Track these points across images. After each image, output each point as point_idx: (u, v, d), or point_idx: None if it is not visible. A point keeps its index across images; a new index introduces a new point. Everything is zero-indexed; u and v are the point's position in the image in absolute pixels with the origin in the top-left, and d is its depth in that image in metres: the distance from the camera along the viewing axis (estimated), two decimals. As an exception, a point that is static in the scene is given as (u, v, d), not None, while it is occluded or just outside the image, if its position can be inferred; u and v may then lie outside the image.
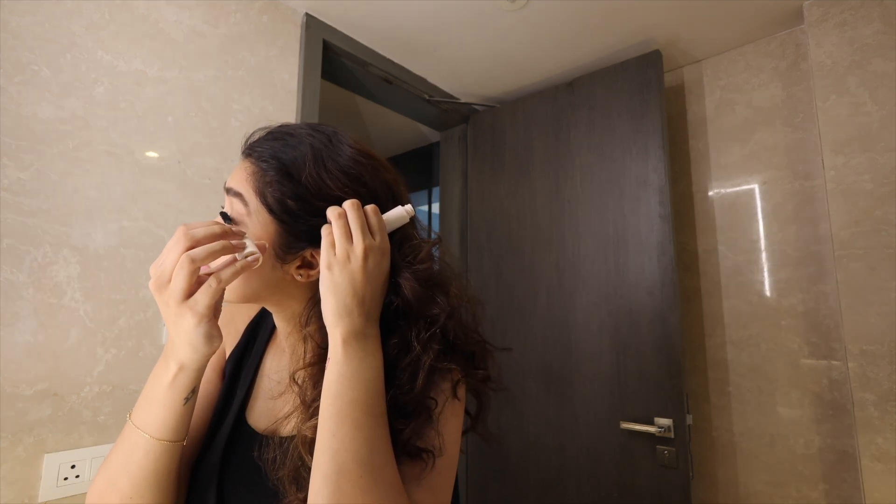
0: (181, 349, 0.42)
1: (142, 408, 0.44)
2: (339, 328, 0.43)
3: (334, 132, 0.50)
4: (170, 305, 0.41)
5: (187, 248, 0.40)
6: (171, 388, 0.43)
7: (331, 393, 0.42)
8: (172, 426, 0.44)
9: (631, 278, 1.45)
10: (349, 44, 1.50)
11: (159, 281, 0.41)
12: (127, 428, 0.45)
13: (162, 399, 0.43)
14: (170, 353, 0.43)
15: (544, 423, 1.57)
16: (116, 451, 0.45)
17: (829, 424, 1.31)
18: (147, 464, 0.44)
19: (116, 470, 0.44)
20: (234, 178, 0.49)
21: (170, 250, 0.41)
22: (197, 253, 0.40)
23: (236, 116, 1.22)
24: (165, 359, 0.44)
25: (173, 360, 0.43)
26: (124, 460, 0.44)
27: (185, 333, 0.41)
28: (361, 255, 0.44)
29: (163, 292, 0.41)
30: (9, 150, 0.88)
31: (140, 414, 0.44)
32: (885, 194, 1.17)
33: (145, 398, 0.44)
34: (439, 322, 0.47)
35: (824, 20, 1.29)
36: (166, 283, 0.40)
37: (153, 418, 0.44)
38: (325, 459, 0.39)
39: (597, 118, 1.59)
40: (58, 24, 0.96)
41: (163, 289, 0.41)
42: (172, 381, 0.43)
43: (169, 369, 0.43)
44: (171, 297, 0.40)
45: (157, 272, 0.41)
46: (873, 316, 1.15)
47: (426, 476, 0.44)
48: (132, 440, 0.44)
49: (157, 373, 0.44)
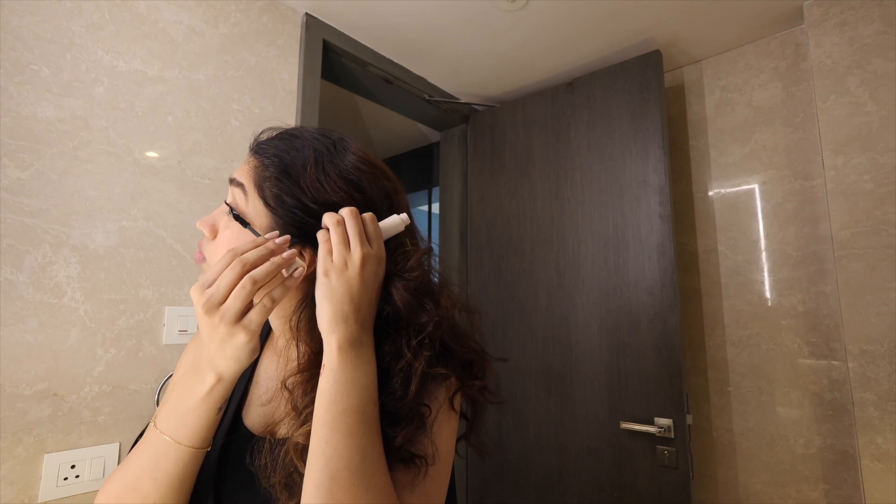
0: (223, 364, 0.42)
1: (171, 418, 0.45)
2: (334, 335, 0.43)
3: (340, 138, 0.51)
4: (220, 327, 0.41)
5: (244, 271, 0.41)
6: (206, 399, 0.43)
7: (325, 400, 0.42)
8: (204, 435, 0.45)
9: (631, 278, 1.45)
10: (349, 44, 1.50)
11: (210, 303, 0.41)
12: (152, 435, 0.45)
13: (196, 410, 0.44)
14: (206, 367, 0.43)
15: (544, 423, 1.57)
16: (139, 457, 0.45)
17: (829, 424, 1.31)
18: (176, 471, 0.44)
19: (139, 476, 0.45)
20: (238, 171, 0.51)
21: (224, 274, 0.41)
22: (258, 273, 0.41)
23: (236, 116, 1.22)
24: (199, 372, 0.44)
25: (211, 373, 0.43)
26: (150, 467, 0.44)
27: (234, 350, 0.42)
28: (359, 263, 0.45)
29: (213, 314, 0.41)
30: (9, 150, 0.88)
31: (169, 423, 0.45)
32: (885, 194, 1.17)
33: (175, 409, 0.45)
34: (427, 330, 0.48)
35: (824, 20, 1.29)
36: (217, 305, 0.41)
37: (185, 427, 0.44)
38: (319, 467, 0.39)
39: (597, 118, 1.59)
40: (58, 24, 0.96)
41: (213, 311, 0.41)
42: (209, 392, 0.43)
43: (205, 382, 0.43)
44: (225, 318, 0.41)
45: (208, 294, 0.41)
46: (873, 316, 1.15)
47: (419, 483, 0.44)
48: (160, 448, 0.44)
49: (188, 384, 0.44)
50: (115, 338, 0.98)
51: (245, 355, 0.42)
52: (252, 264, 0.42)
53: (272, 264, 0.42)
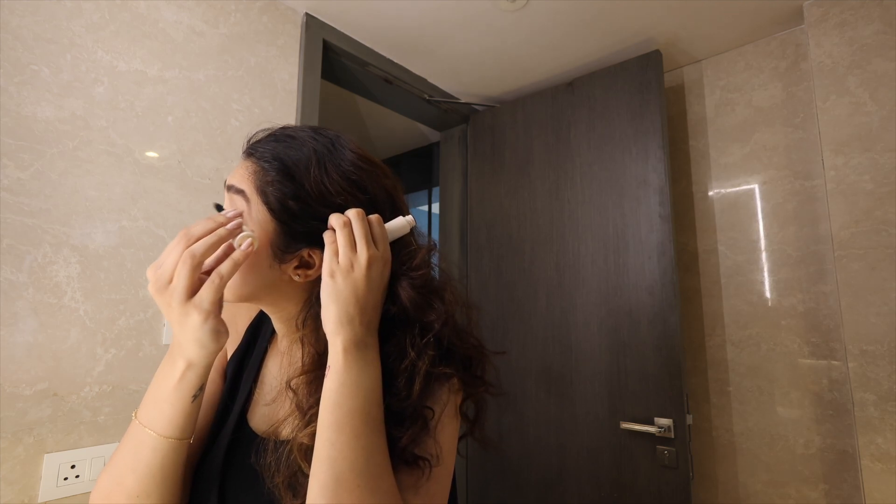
0: (188, 347, 0.42)
1: (148, 407, 0.45)
2: (340, 336, 0.43)
3: (336, 136, 0.51)
4: (173, 306, 0.40)
5: (187, 246, 0.41)
6: (178, 386, 0.43)
7: (330, 402, 0.42)
8: (180, 424, 0.44)
9: (631, 278, 1.45)
10: (349, 44, 1.50)
11: (159, 282, 0.40)
12: (133, 427, 0.45)
13: (169, 397, 0.43)
14: (176, 353, 0.43)
15: (544, 423, 1.57)
16: (122, 450, 0.45)
17: (829, 424, 1.31)
18: (154, 462, 0.44)
19: (123, 469, 0.44)
20: (235, 176, 0.49)
21: (170, 252, 0.41)
22: (196, 248, 0.41)
23: (236, 116, 1.22)
24: (172, 358, 0.44)
25: (181, 359, 0.43)
26: (131, 459, 0.44)
27: (192, 332, 0.41)
28: (365, 265, 0.44)
29: (164, 293, 0.40)
30: (9, 150, 0.88)
31: (147, 413, 0.44)
32: (885, 194, 1.17)
33: (152, 397, 0.45)
34: (435, 329, 0.47)
35: (824, 20, 1.29)
36: (166, 284, 0.40)
37: (161, 416, 0.44)
38: (324, 468, 0.39)
39: (597, 118, 1.59)
40: (58, 24, 0.96)
41: (163, 290, 0.40)
42: (180, 379, 0.43)
43: (176, 368, 0.43)
44: (174, 297, 0.40)
45: (156, 274, 0.41)
46: (873, 316, 1.15)
47: (423, 484, 0.44)
48: (139, 438, 0.44)
49: (163, 372, 0.44)
50: (115, 338, 0.98)
51: (207, 337, 0.41)
52: (196, 238, 0.41)
53: (215, 236, 0.41)
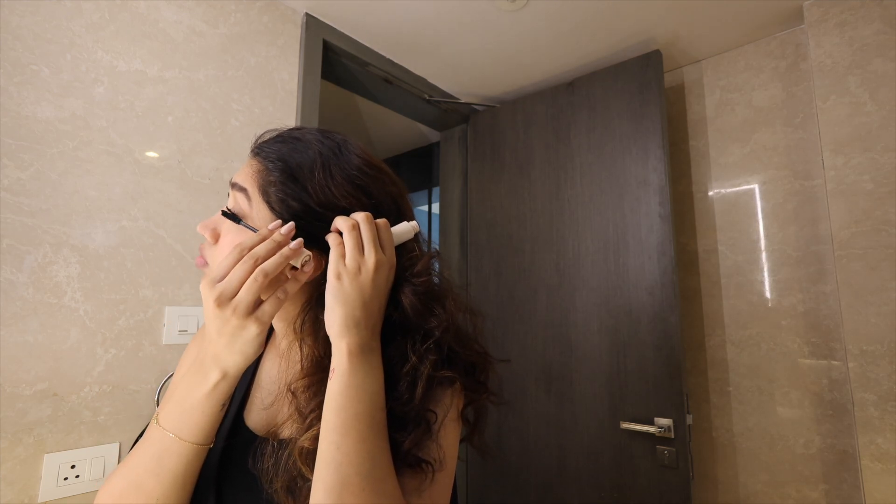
0: (228, 358, 0.43)
1: (174, 414, 0.45)
2: (345, 339, 0.43)
3: (344, 140, 0.51)
4: (231, 320, 0.42)
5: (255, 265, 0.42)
6: (210, 395, 0.44)
7: (335, 405, 0.42)
8: (208, 431, 0.45)
9: (631, 278, 1.45)
10: (349, 44, 1.50)
11: (223, 296, 0.41)
12: (155, 432, 0.45)
13: (200, 406, 0.44)
14: (210, 363, 0.44)
15: (544, 424, 1.57)
16: (142, 454, 0.45)
17: (829, 424, 1.31)
18: (180, 467, 0.44)
19: (143, 474, 0.45)
20: (240, 175, 0.50)
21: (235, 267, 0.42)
22: (269, 266, 0.42)
23: (236, 116, 1.22)
24: (202, 367, 0.44)
25: (216, 369, 0.44)
26: (154, 464, 0.44)
27: (243, 343, 0.42)
28: (373, 269, 0.45)
29: (225, 307, 0.41)
30: (9, 150, 0.88)
31: (172, 419, 0.45)
32: (885, 194, 1.17)
33: (179, 405, 0.45)
34: (435, 336, 0.48)
35: (824, 20, 1.29)
36: (229, 298, 0.41)
37: (191, 424, 0.44)
38: (329, 471, 0.39)
39: (597, 118, 1.59)
40: (58, 24, 0.96)
41: (226, 303, 0.41)
42: (213, 388, 0.44)
43: (209, 378, 0.44)
44: (238, 310, 0.41)
45: (220, 288, 0.41)
46: (873, 316, 1.15)
47: (426, 488, 0.44)
48: (164, 444, 0.44)
49: (193, 380, 0.45)
50: (115, 338, 0.98)
51: (252, 349, 0.43)
52: (262, 258, 0.42)
53: (281, 256, 0.43)
